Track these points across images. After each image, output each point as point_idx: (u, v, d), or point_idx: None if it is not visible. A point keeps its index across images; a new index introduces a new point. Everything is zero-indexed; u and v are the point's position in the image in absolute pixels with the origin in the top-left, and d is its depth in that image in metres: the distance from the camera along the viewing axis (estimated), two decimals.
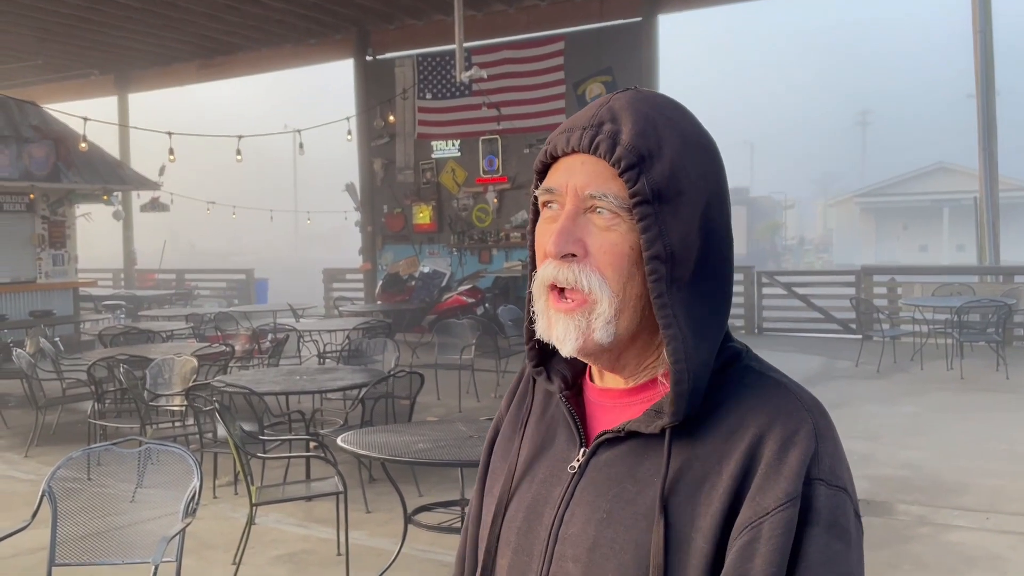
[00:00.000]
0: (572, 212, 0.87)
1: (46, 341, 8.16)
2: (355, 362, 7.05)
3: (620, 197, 0.85)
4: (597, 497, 0.90)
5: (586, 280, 0.86)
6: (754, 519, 0.82)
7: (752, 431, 0.85)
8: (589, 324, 0.87)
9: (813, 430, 0.85)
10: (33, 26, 12.10)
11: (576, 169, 0.87)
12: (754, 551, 0.81)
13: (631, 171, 0.84)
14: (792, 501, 0.81)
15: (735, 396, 0.88)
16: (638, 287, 0.86)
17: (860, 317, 10.32)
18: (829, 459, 0.85)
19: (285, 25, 12.65)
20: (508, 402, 1.10)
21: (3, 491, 5.81)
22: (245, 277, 17.81)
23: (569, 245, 0.86)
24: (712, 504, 0.84)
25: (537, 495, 0.96)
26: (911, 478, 5.54)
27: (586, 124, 0.88)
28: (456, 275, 12.97)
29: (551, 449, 0.98)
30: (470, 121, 12.57)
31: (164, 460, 3.40)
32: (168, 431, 5.91)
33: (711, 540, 0.83)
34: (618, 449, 0.91)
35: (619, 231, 0.86)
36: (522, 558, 0.94)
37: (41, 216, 12.26)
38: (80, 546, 3.13)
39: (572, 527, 0.90)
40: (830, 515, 0.82)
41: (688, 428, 0.87)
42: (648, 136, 0.86)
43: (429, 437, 4.00)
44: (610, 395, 0.95)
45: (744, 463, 0.84)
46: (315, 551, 4.57)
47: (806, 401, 0.88)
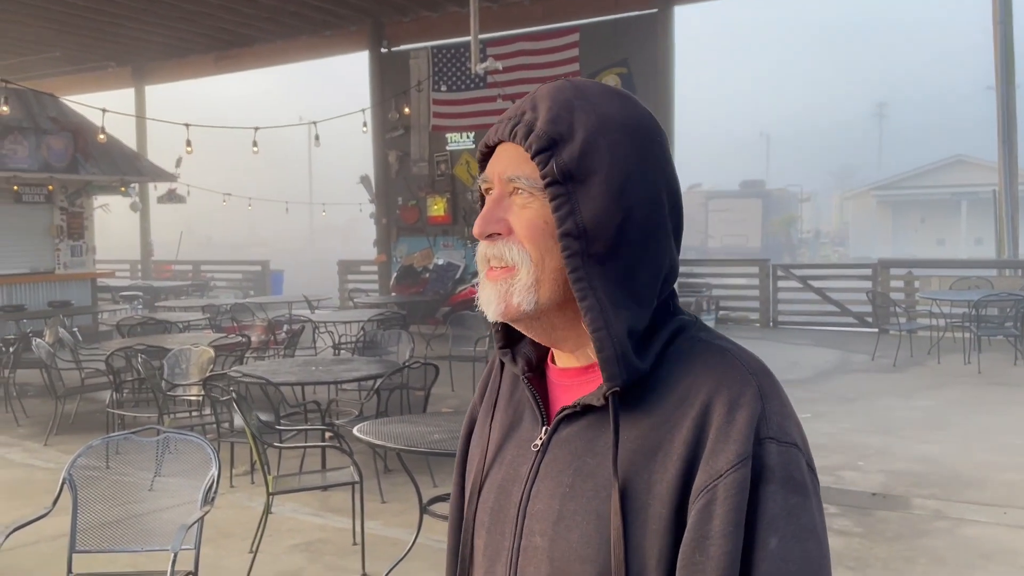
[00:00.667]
0: (496, 196, 0.95)
1: (65, 331, 8.24)
2: (370, 353, 7.09)
3: (532, 178, 0.92)
4: (560, 472, 0.94)
5: (508, 252, 0.93)
6: (709, 482, 0.85)
7: (701, 398, 0.89)
8: (509, 290, 0.93)
9: (758, 391, 0.88)
10: (51, 18, 12.18)
11: (500, 156, 0.95)
12: (711, 512, 0.84)
13: (542, 154, 0.91)
14: (743, 461, 0.84)
15: (683, 366, 0.92)
16: (556, 260, 0.92)
17: (877, 311, 10.25)
18: (777, 417, 0.88)
19: (300, 17, 12.67)
20: (481, 391, 1.14)
21: (24, 479, 5.89)
22: (261, 268, 17.91)
23: (491, 226, 0.94)
24: (668, 471, 0.88)
25: (506, 475, 1.00)
26: (927, 472, 5.51)
27: (511, 115, 0.96)
28: (470, 267, 12.98)
29: (518, 430, 1.02)
30: (485, 113, 12.56)
31: (182, 449, 3.44)
32: (185, 420, 5.96)
33: (669, 505, 0.87)
34: (577, 424, 0.95)
35: (534, 208, 0.92)
36: (495, 537, 0.99)
37: (59, 207, 12.36)
38: (100, 533, 3.17)
39: (538, 503, 0.94)
40: (783, 471, 0.86)
41: (640, 400, 0.91)
42: (560, 121, 0.91)
43: (444, 428, 4.02)
44: (568, 374, 1.00)
45: (695, 429, 0.88)
46: (331, 540, 4.61)
47: (750, 365, 0.91)
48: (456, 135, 12.95)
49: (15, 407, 7.71)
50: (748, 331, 12.12)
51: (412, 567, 4.01)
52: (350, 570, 4.20)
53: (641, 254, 0.92)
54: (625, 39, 11.57)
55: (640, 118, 0.95)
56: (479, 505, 1.02)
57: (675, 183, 0.97)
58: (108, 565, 3.40)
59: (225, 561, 4.30)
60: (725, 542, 0.83)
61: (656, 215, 0.93)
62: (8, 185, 11.51)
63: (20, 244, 11.96)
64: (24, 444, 6.82)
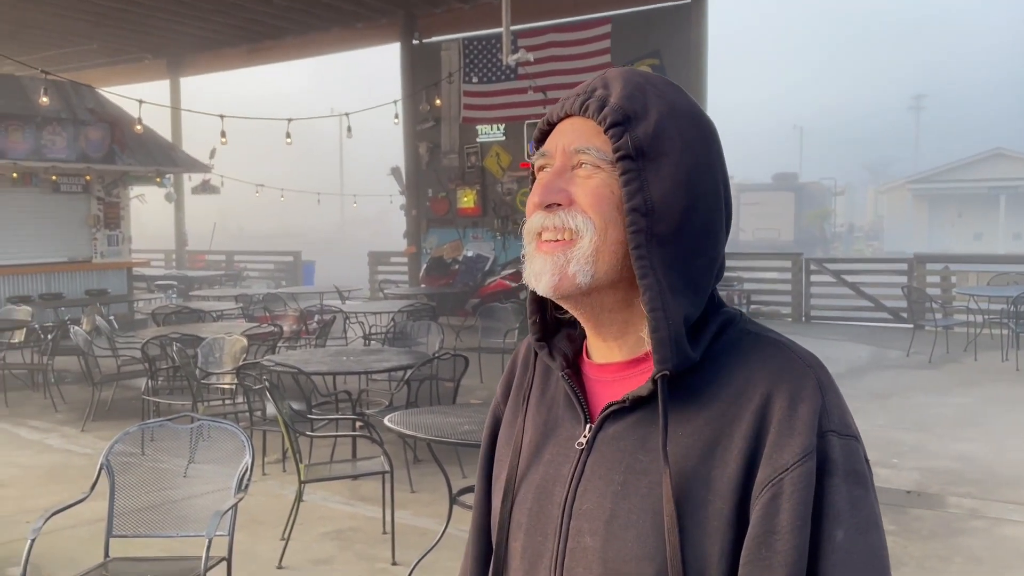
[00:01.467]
0: (559, 167, 0.93)
1: (101, 319, 8.38)
2: (400, 344, 7.12)
3: (603, 151, 0.90)
4: (609, 471, 0.91)
5: (571, 220, 0.91)
6: (773, 476, 0.84)
7: (759, 391, 0.88)
8: (567, 259, 0.90)
9: (817, 384, 0.88)
10: (88, 11, 12.36)
11: (566, 130, 0.94)
12: (778, 507, 0.84)
13: (616, 128, 0.90)
14: (809, 455, 0.84)
15: (737, 359, 0.91)
16: (619, 232, 0.90)
17: (912, 306, 10.09)
18: (837, 410, 0.88)
19: (333, 9, 12.73)
20: (505, 389, 1.11)
21: (61, 464, 6.01)
22: (292, 259, 18.07)
23: (553, 195, 0.91)
24: (727, 466, 0.86)
25: (545, 475, 0.97)
26: (963, 470, 5.42)
27: (579, 92, 0.94)
28: (499, 259, 12.99)
29: (555, 429, 0.99)
30: (515, 105, 12.53)
31: (215, 437, 3.48)
32: (218, 408, 6.04)
33: (729, 501, 0.86)
34: (625, 421, 0.93)
35: (600, 177, 0.91)
36: (535, 538, 0.96)
37: (97, 197, 12.57)
38: (136, 518, 3.23)
39: (586, 502, 0.92)
40: (847, 463, 0.86)
41: (692, 394, 0.90)
42: (635, 99, 0.91)
43: (474, 419, 4.03)
44: (609, 370, 0.97)
45: (755, 423, 0.87)
46: (361, 529, 4.65)
47: (806, 358, 0.91)
48: (486, 127, 12.95)
49: (53, 393, 7.86)
50: (780, 326, 11.99)
51: (441, 556, 4.03)
52: (380, 559, 4.23)
53: (700, 243, 0.92)
54: (657, 30, 11.47)
55: (704, 115, 0.95)
56: (515, 506, 0.99)
57: (727, 180, 0.97)
58: (143, 550, 3.46)
59: (257, 547, 4.35)
60: (792, 536, 0.83)
61: (716, 207, 0.93)
62: (47, 175, 11.73)
63: (58, 233, 12.19)
64: (62, 430, 6.96)
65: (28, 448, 6.44)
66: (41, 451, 6.36)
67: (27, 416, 7.45)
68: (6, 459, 6.09)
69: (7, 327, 8.52)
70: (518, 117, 12.58)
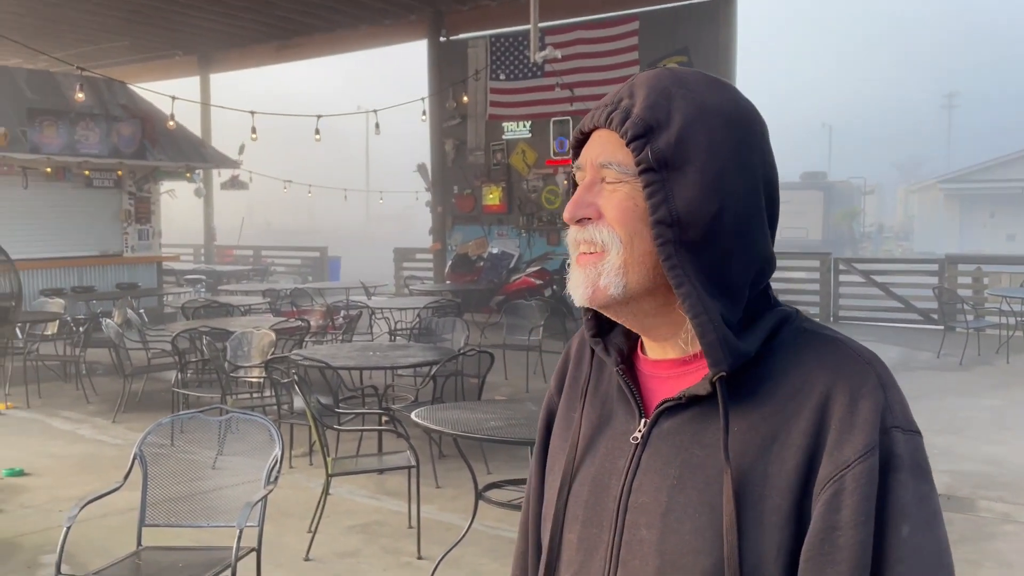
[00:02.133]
0: (588, 182, 0.95)
1: (132, 312, 8.50)
2: (425, 340, 7.15)
3: (625, 164, 0.91)
4: (665, 465, 0.92)
5: (598, 235, 0.93)
6: (836, 472, 0.84)
7: (818, 388, 0.88)
8: (598, 273, 0.92)
9: (878, 381, 0.88)
10: (122, 8, 12.53)
11: (595, 142, 0.95)
12: (840, 503, 0.84)
13: (637, 141, 0.90)
14: (871, 451, 0.84)
15: (794, 356, 0.91)
16: (647, 244, 0.91)
17: (943, 307, 9.96)
18: (899, 406, 0.88)
19: (361, 6, 12.79)
20: (558, 381, 1.13)
21: (93, 454, 6.11)
22: (319, 254, 18.20)
23: (581, 210, 0.94)
24: (786, 462, 0.87)
25: (601, 468, 0.98)
26: (995, 474, 5.35)
27: (608, 102, 0.95)
28: (524, 256, 12.99)
29: (609, 423, 1.01)
30: (542, 102, 12.53)
31: (244, 429, 3.52)
32: (246, 402, 6.10)
33: (788, 497, 0.86)
34: (680, 417, 0.94)
35: (624, 191, 0.92)
36: (591, 530, 0.97)
37: (128, 192, 12.74)
38: (167, 508, 3.28)
39: (642, 495, 0.93)
40: (911, 459, 0.86)
41: (750, 391, 0.90)
42: (658, 108, 0.91)
43: (500, 416, 4.04)
44: (663, 366, 0.98)
45: (815, 420, 0.87)
46: (387, 523, 4.68)
47: (865, 355, 0.91)
48: (512, 124, 12.95)
49: (85, 385, 7.99)
50: None
51: (466, 552, 4.05)
52: (406, 552, 4.26)
53: (735, 245, 0.91)
54: (686, 27, 11.40)
55: (740, 107, 0.94)
56: (570, 498, 1.00)
57: (773, 174, 0.96)
58: (173, 539, 3.51)
59: (284, 539, 4.40)
60: (856, 532, 0.83)
61: (753, 206, 0.93)
62: (80, 170, 11.91)
63: (90, 227, 12.37)
64: (93, 421, 7.07)
65: (60, 438, 6.55)
66: (73, 441, 6.47)
67: (59, 407, 7.58)
68: (39, 449, 6.20)
69: (40, 319, 8.67)
70: (544, 114, 12.57)
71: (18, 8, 12.32)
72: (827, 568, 0.83)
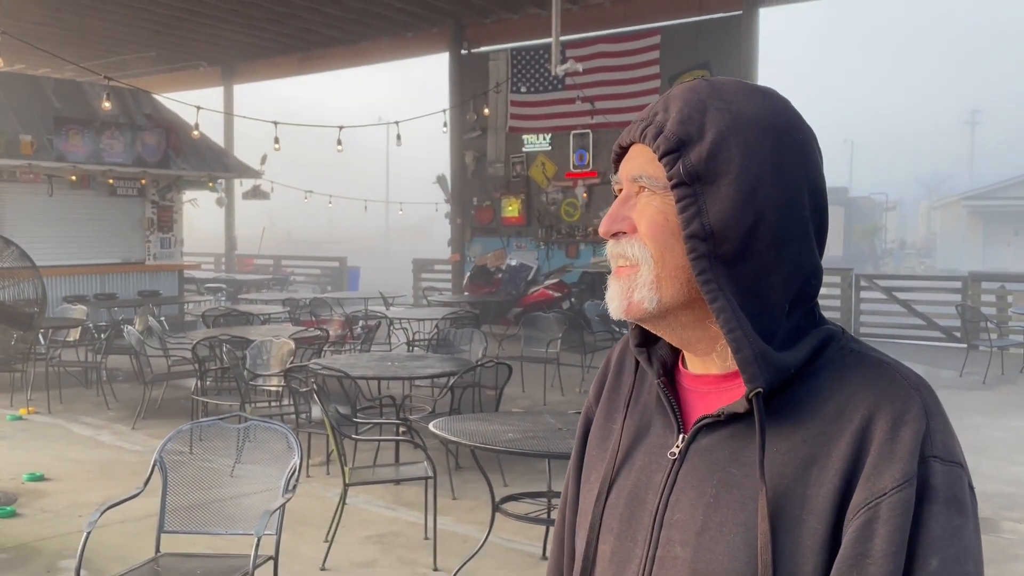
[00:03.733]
0: (623, 196, 0.96)
1: (153, 320, 8.57)
2: (443, 351, 7.15)
3: (658, 178, 0.91)
4: (702, 482, 0.91)
5: (630, 249, 0.93)
6: (871, 500, 0.83)
7: (861, 412, 0.86)
8: (632, 287, 0.92)
9: (923, 408, 0.86)
10: (148, 19, 12.70)
11: (631, 157, 0.96)
12: (873, 531, 0.82)
13: (669, 156, 0.90)
14: (909, 481, 0.82)
15: (837, 377, 0.89)
16: (679, 258, 0.90)
17: (966, 325, 9.84)
18: (941, 435, 0.85)
19: (383, 19, 12.90)
20: (597, 392, 1.11)
21: (112, 460, 6.15)
22: (338, 265, 18.28)
23: (615, 224, 0.94)
24: (824, 485, 0.85)
25: (637, 482, 0.97)
26: (1018, 495, 5.26)
27: (643, 116, 0.96)
28: (543, 269, 12.99)
29: (647, 436, 0.99)
30: (563, 115, 12.55)
31: (262, 438, 3.53)
32: (265, 410, 6.13)
33: (825, 521, 0.84)
34: (719, 434, 0.92)
35: (655, 205, 0.92)
36: (625, 544, 0.96)
37: (151, 201, 12.88)
38: (185, 515, 3.29)
39: (678, 512, 0.92)
40: (948, 491, 0.84)
41: (791, 411, 0.89)
42: (691, 121, 0.90)
43: (518, 428, 4.03)
44: (705, 381, 0.97)
45: (855, 444, 0.85)
46: (403, 533, 4.67)
47: (912, 380, 0.88)
48: (532, 137, 12.98)
49: (106, 391, 8.06)
50: None
51: (483, 564, 4.03)
52: (422, 564, 4.24)
53: (773, 258, 0.89)
54: (707, 41, 11.40)
55: (780, 115, 0.92)
56: (606, 509, 1.00)
57: (820, 182, 0.93)
58: (189, 546, 3.52)
59: (301, 548, 4.40)
60: (887, 562, 0.81)
61: (794, 217, 0.91)
62: (104, 178, 12.05)
63: (114, 235, 12.51)
64: (113, 427, 7.12)
65: (80, 444, 6.60)
66: (93, 447, 6.52)
67: (80, 412, 7.64)
68: (59, 454, 6.25)
69: (63, 325, 8.76)
70: (565, 127, 12.59)
71: (47, 19, 12.53)
72: None
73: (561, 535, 1.13)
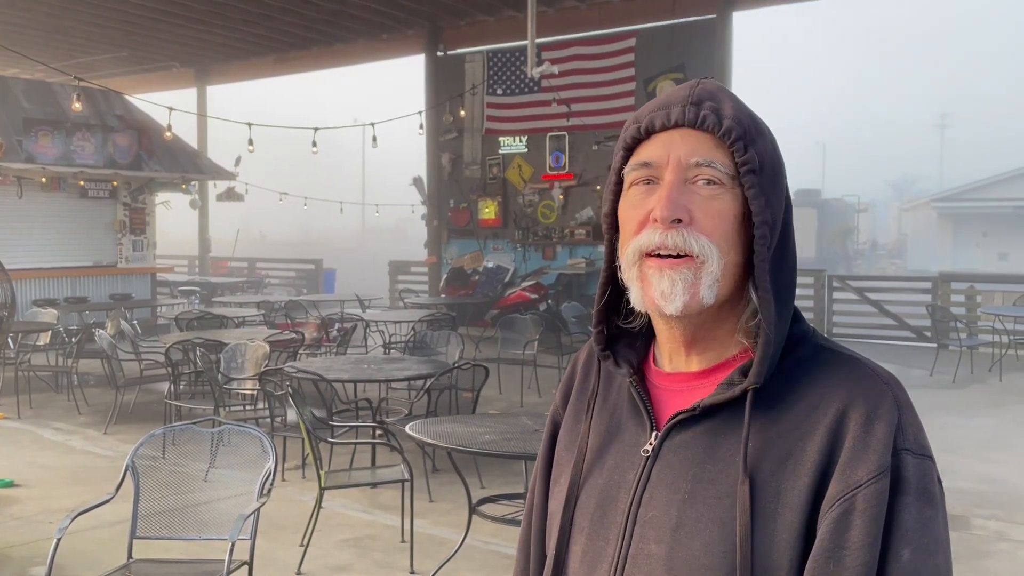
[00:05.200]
0: (676, 181, 0.90)
1: (125, 323, 8.47)
2: (420, 353, 7.14)
3: (727, 165, 0.89)
4: (676, 479, 0.91)
5: (695, 243, 0.89)
6: (846, 492, 0.84)
7: (834, 407, 0.88)
8: (697, 279, 0.89)
9: (894, 403, 0.88)
10: (120, 20, 12.55)
11: (676, 142, 0.91)
12: (848, 523, 0.83)
13: (739, 142, 0.88)
14: (883, 473, 0.84)
15: (811, 373, 0.91)
16: (737, 255, 0.90)
17: (936, 325, 9.98)
18: (912, 429, 0.88)
19: (359, 20, 12.85)
20: (564, 393, 1.11)
21: (84, 465, 6.06)
22: (314, 267, 18.17)
23: (677, 210, 0.89)
24: (799, 479, 0.86)
25: (609, 481, 0.97)
26: (989, 492, 5.35)
27: (684, 102, 0.91)
28: (519, 271, 13.00)
29: (618, 435, 0.99)
30: (539, 117, 12.58)
31: (236, 442, 3.50)
32: (239, 414, 6.07)
33: (800, 514, 0.85)
34: (693, 431, 0.92)
35: (724, 200, 0.89)
36: (597, 543, 0.96)
37: (123, 203, 12.72)
38: (158, 520, 3.25)
39: (652, 509, 0.92)
40: (919, 483, 0.86)
41: (766, 406, 0.90)
42: (745, 114, 0.91)
43: (495, 429, 4.03)
44: (677, 379, 0.97)
45: (830, 438, 0.86)
46: (379, 537, 4.65)
47: (883, 375, 0.91)
48: (509, 139, 12.99)
49: (77, 396, 7.95)
50: None
51: (460, 566, 4.03)
52: (398, 567, 4.23)
53: (787, 252, 0.93)
54: (682, 45, 11.48)
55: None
56: (576, 510, 0.99)
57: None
58: (163, 552, 3.48)
59: (277, 553, 4.36)
60: (862, 553, 0.83)
61: (790, 213, 0.95)
62: (75, 180, 11.89)
63: (85, 238, 12.35)
64: (84, 432, 7.03)
65: (51, 449, 6.51)
66: (64, 453, 6.42)
67: (51, 418, 7.53)
68: (30, 460, 6.16)
69: (33, 330, 8.63)
70: (541, 129, 12.61)
71: (16, 19, 12.34)
72: None
73: (527, 541, 1.12)
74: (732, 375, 0.91)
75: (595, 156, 12.11)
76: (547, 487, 1.09)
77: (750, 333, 0.93)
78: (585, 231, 12.16)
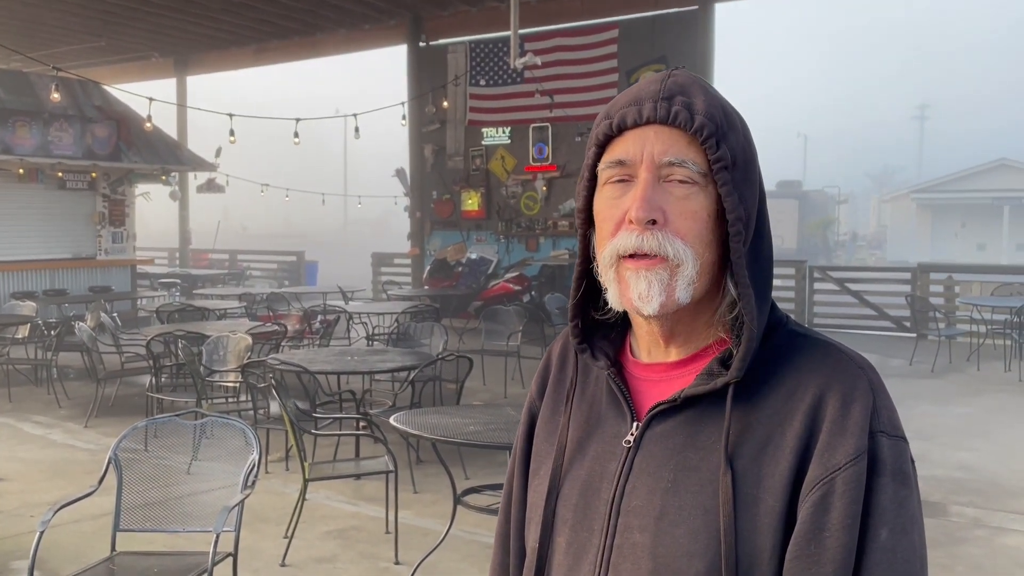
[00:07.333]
0: (650, 180, 0.89)
1: (105, 316, 8.40)
2: (403, 345, 7.13)
3: (699, 163, 0.88)
4: (659, 468, 0.92)
5: (670, 246, 0.88)
6: (825, 475, 0.85)
7: (811, 391, 0.89)
8: (673, 281, 0.89)
9: (869, 385, 0.89)
10: (97, 8, 12.39)
11: (649, 139, 0.89)
12: (828, 505, 0.85)
13: (711, 139, 0.87)
14: (861, 456, 0.86)
15: (787, 360, 0.92)
16: (712, 254, 0.90)
17: (915, 315, 10.10)
18: (886, 411, 0.90)
19: (340, 10, 12.76)
20: (540, 385, 1.11)
21: (65, 459, 6.02)
22: (296, 259, 18.08)
23: (652, 211, 0.88)
24: (779, 464, 0.87)
25: (591, 472, 0.97)
26: (966, 480, 5.43)
27: (656, 97, 0.89)
28: (503, 262, 13.00)
29: (599, 426, 0.99)
30: (522, 108, 12.56)
31: (219, 434, 3.49)
32: (222, 406, 6.05)
33: (781, 498, 0.87)
34: (673, 420, 0.93)
35: (698, 199, 0.89)
36: (581, 534, 0.96)
37: (102, 195, 12.59)
38: (141, 513, 3.24)
39: (635, 499, 0.92)
40: (894, 464, 0.87)
41: (745, 393, 0.91)
42: (717, 108, 0.90)
43: (479, 420, 4.04)
44: (655, 369, 0.97)
45: (807, 423, 0.88)
46: (364, 528, 4.65)
47: (857, 359, 0.92)
48: (492, 130, 12.97)
49: (57, 389, 7.88)
50: None
51: (444, 557, 4.04)
52: (383, 558, 4.24)
53: (762, 243, 0.93)
54: (664, 36, 11.49)
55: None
56: (559, 502, 0.99)
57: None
58: (146, 545, 3.47)
59: (261, 545, 4.36)
60: (843, 534, 0.84)
61: (763, 205, 0.94)
62: (53, 172, 11.75)
63: (63, 230, 12.21)
64: (65, 425, 6.97)
65: (31, 443, 6.45)
66: (44, 446, 6.37)
67: (31, 411, 7.46)
68: (9, 454, 6.10)
69: (11, 323, 8.54)
70: (524, 121, 12.60)
71: None
72: (812, 568, 0.84)
73: (505, 534, 1.11)
74: (711, 364, 0.92)
75: (578, 147, 12.11)
76: (525, 479, 1.08)
77: (727, 325, 0.93)
78: (568, 223, 12.17)
